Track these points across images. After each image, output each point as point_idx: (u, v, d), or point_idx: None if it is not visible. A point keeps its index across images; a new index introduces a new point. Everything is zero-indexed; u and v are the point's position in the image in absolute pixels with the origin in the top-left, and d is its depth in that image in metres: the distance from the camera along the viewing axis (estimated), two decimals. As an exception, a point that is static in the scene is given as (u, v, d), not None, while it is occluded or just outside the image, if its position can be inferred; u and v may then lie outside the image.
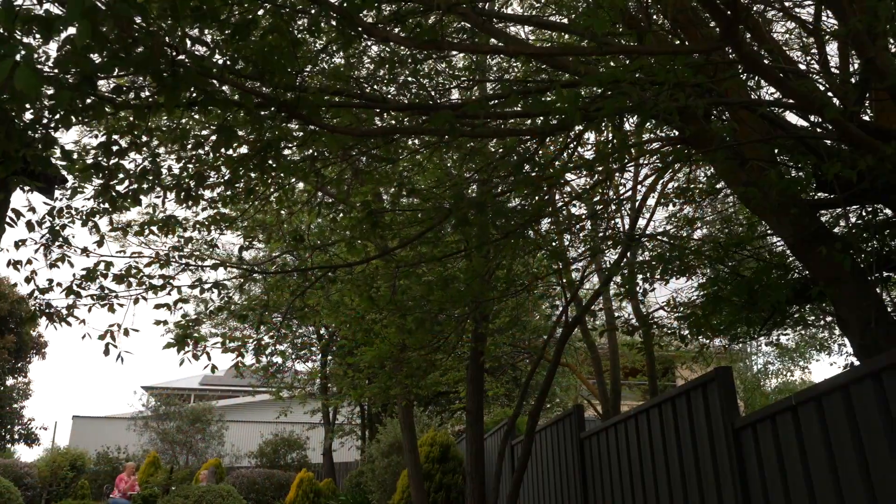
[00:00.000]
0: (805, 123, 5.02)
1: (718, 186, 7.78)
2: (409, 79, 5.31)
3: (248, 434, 24.31)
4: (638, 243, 7.33)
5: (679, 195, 7.87)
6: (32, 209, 4.45)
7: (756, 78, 5.10)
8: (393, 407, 17.98)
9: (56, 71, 2.83)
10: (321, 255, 6.78)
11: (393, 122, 5.19)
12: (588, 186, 6.75)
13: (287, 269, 6.16)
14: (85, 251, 4.65)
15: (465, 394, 10.39)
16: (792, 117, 7.23)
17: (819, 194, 5.05)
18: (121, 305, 4.78)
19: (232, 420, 23.22)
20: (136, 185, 3.92)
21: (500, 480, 7.74)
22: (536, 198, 4.96)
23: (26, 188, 4.83)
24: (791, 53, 6.37)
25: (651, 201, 9.56)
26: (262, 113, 3.44)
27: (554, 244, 7.94)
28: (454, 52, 5.88)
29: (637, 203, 8.82)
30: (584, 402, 14.58)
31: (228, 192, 4.80)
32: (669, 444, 5.06)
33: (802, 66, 5.94)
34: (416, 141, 5.83)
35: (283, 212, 6.44)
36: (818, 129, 4.67)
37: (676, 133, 4.62)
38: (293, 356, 21.31)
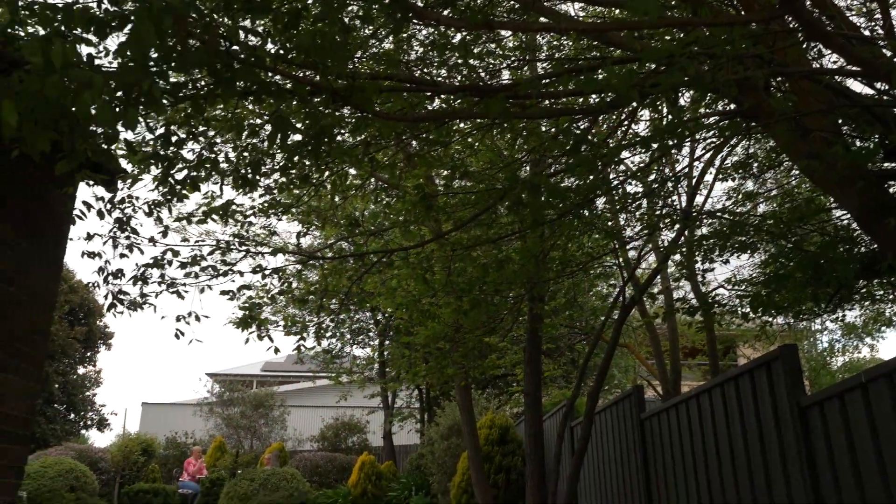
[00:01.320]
0: (871, 91, 4.84)
1: (779, 160, 7.58)
2: (460, 61, 5.29)
3: (310, 419, 24.76)
4: (696, 221, 7.19)
5: (738, 170, 7.68)
6: (101, 199, 4.59)
7: (817, 46, 4.94)
8: (451, 390, 18.09)
9: (117, 70, 2.90)
10: (376, 241, 6.84)
11: (444, 105, 5.18)
12: (644, 164, 6.63)
13: (344, 254, 6.22)
14: (151, 240, 4.79)
15: (523, 376, 10.38)
16: (856, 86, 6.97)
17: (887, 164, 4.88)
18: (188, 293, 4.92)
19: (293, 405, 23.66)
20: (194, 173, 4.01)
21: (559, 462, 7.73)
22: (591, 177, 4.90)
23: (90, 182, 4.99)
24: (853, 19, 6.14)
25: (709, 177, 9.35)
26: (315, 101, 3.48)
27: (610, 223, 7.84)
28: (504, 32, 5.83)
29: (694, 179, 8.65)
30: (643, 383, 14.41)
31: (283, 179, 4.87)
32: (733, 423, 4.98)
33: (866, 33, 5.72)
34: (468, 123, 5.82)
35: (336, 198, 6.51)
36: (885, 97, 4.50)
37: (734, 106, 4.50)
38: (351, 342, 21.60)
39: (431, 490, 15.17)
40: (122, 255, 4.75)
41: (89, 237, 4.72)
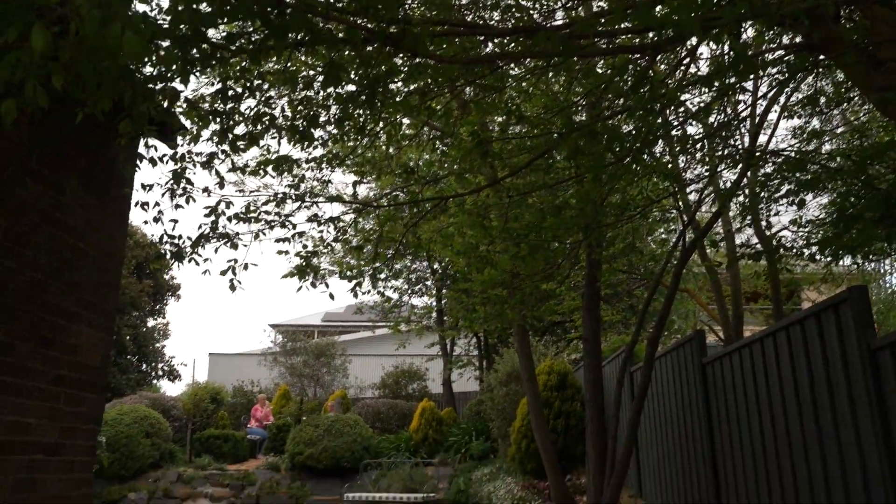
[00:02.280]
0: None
1: (849, 95, 7.25)
2: (511, 2, 5.17)
3: (370, 367, 25.25)
4: (759, 161, 6.96)
5: (804, 107, 7.38)
6: (155, 148, 4.68)
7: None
8: (509, 337, 18.19)
9: (168, 25, 2.91)
10: (431, 189, 6.83)
11: (497, 49, 5.09)
12: (704, 104, 6.43)
13: (399, 202, 6.23)
14: (206, 191, 4.87)
15: (581, 322, 10.35)
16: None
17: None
18: (245, 245, 5.00)
19: (354, 354, 24.14)
20: (251, 129, 4.04)
21: (619, 407, 7.73)
22: (650, 119, 4.77)
23: (149, 144, 5.09)
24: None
25: (772, 116, 9.02)
26: (368, 49, 3.45)
27: (669, 166, 7.66)
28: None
29: (757, 118, 8.35)
30: (704, 329, 14.23)
31: (338, 132, 4.87)
32: (798, 367, 4.88)
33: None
34: (522, 68, 5.70)
35: (391, 149, 6.50)
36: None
37: (801, 39, 4.29)
38: (409, 291, 21.83)
39: (491, 435, 15.39)
40: (177, 206, 4.85)
41: (144, 188, 4.82)
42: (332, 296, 5.52)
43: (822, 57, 4.42)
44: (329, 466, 15.26)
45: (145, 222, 5.30)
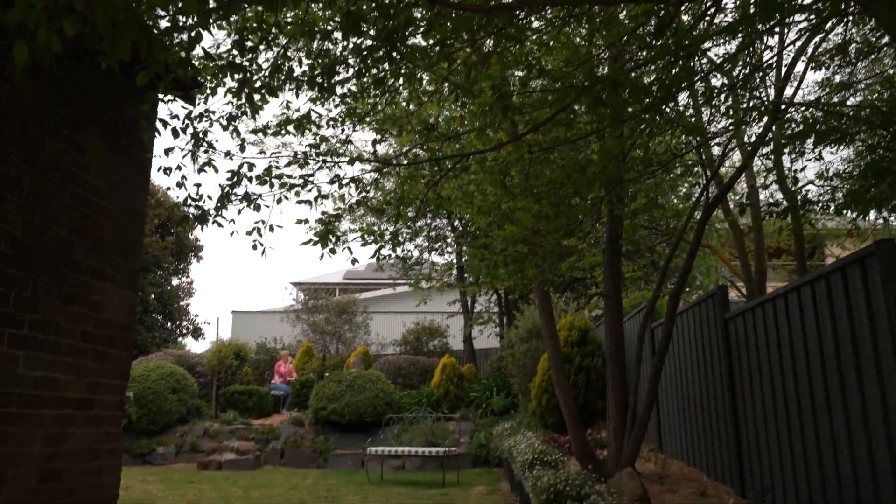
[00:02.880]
0: None
1: (880, 44, 7.05)
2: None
3: (392, 324, 25.44)
4: (785, 113, 6.82)
5: (832, 57, 7.19)
6: (177, 117, 4.67)
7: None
8: (529, 293, 18.21)
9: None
10: (451, 146, 6.77)
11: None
12: (729, 54, 6.28)
13: (419, 160, 6.18)
14: (228, 155, 4.87)
15: (602, 279, 10.31)
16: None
17: None
18: (267, 206, 5.01)
19: (375, 311, 24.32)
20: (269, 82, 4.01)
21: (640, 363, 7.74)
22: (674, 70, 4.67)
23: (168, 98, 5.07)
24: None
25: (799, 67, 8.82)
26: None
27: (693, 119, 7.53)
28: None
29: (784, 70, 8.16)
30: (727, 284, 14.14)
31: (357, 87, 4.82)
32: (823, 322, 4.84)
33: None
34: (543, 20, 5.59)
35: (411, 105, 6.43)
36: None
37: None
38: (429, 248, 21.87)
39: (512, 391, 15.52)
40: (200, 170, 4.85)
41: (167, 152, 4.82)
42: (355, 261, 5.52)
43: (852, 4, 4.29)
44: (352, 421, 15.49)
45: (168, 188, 5.30)
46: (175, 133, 4.69)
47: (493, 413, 15.55)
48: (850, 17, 6.27)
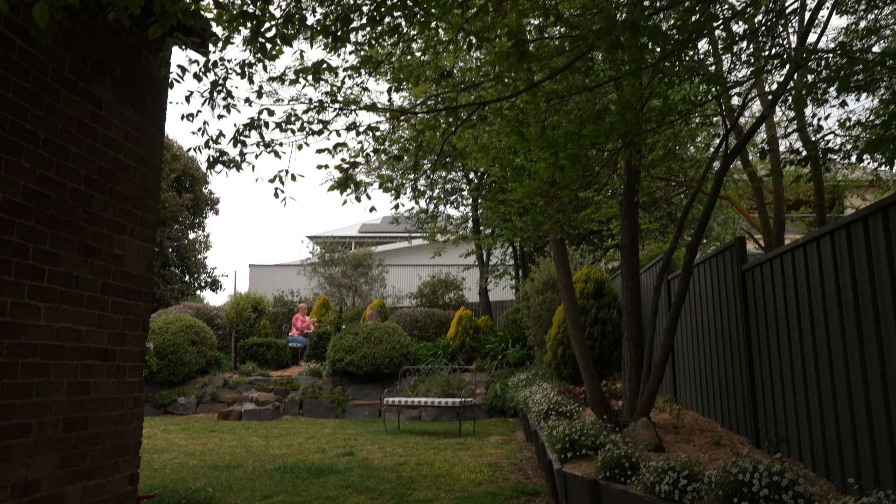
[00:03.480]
0: None
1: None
2: None
3: (407, 277, 25.57)
4: (808, 61, 6.67)
5: (859, 1, 6.99)
6: (196, 62, 4.64)
7: None
8: (545, 245, 18.18)
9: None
10: (468, 96, 6.69)
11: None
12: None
13: (435, 108, 6.10)
14: (247, 101, 4.84)
15: (618, 230, 10.26)
16: None
17: None
18: (284, 153, 5.00)
19: (391, 264, 24.44)
20: (283, 31, 3.95)
21: (656, 314, 7.74)
22: (693, 17, 4.56)
23: (183, 46, 5.02)
24: None
25: (823, 13, 8.59)
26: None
27: (712, 68, 7.38)
28: None
29: (808, 15, 7.96)
30: (744, 236, 14.07)
31: (371, 35, 4.75)
32: (842, 272, 4.80)
33: None
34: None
35: (426, 56, 6.35)
36: None
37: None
38: (445, 201, 21.82)
39: (527, 343, 15.62)
40: (219, 116, 4.84)
41: (188, 98, 4.81)
42: (373, 208, 5.54)
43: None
44: (369, 372, 15.68)
45: (192, 133, 5.27)
46: (197, 77, 4.67)
47: (508, 364, 15.68)
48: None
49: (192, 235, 29.42)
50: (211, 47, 4.92)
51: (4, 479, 3.68)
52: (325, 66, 4.77)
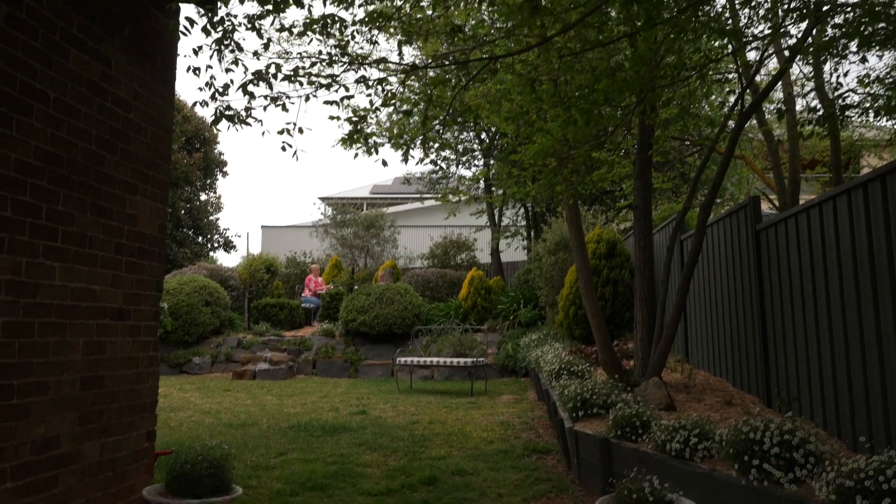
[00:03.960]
0: None
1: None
2: None
3: (419, 238, 25.58)
4: (828, 15, 6.51)
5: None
6: (206, 15, 4.58)
7: None
8: (557, 206, 18.12)
9: None
10: (479, 53, 6.60)
11: None
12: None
13: (446, 62, 6.01)
14: (255, 55, 4.79)
15: (631, 190, 10.19)
16: None
17: None
18: (292, 104, 4.96)
19: (403, 225, 24.43)
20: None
21: (668, 275, 7.71)
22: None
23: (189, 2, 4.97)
24: None
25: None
26: None
27: (729, 23, 7.24)
28: None
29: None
30: (759, 195, 13.93)
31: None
32: (859, 231, 4.75)
33: None
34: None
35: (437, 11, 6.25)
36: None
37: None
38: (456, 162, 21.73)
39: (539, 303, 15.64)
40: (227, 70, 4.80)
41: (197, 51, 4.76)
42: (384, 162, 5.52)
43: None
44: (381, 332, 15.79)
45: (200, 89, 5.21)
46: (206, 31, 4.62)
47: (520, 325, 15.74)
48: None
49: (203, 197, 29.49)
50: (219, 3, 4.86)
51: (25, 436, 3.74)
52: (334, 18, 4.71)
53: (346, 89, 4.98)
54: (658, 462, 4.89)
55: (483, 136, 20.37)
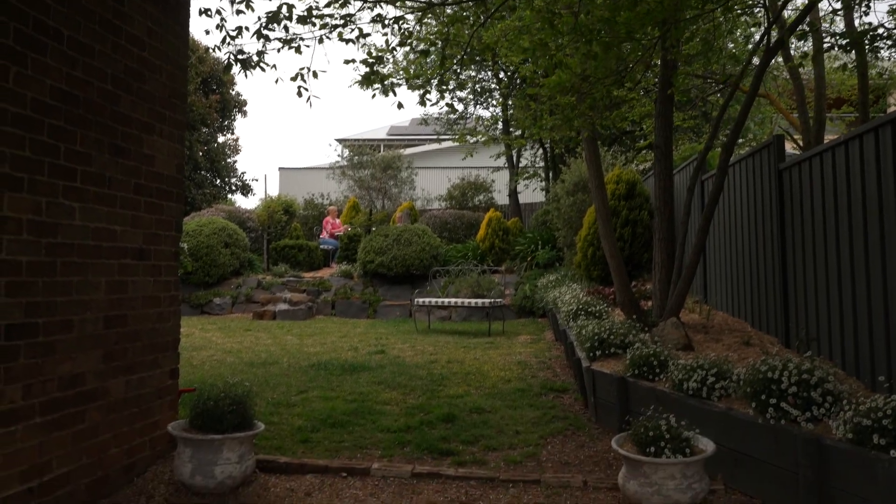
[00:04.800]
0: None
1: None
2: None
3: (437, 179, 25.45)
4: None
5: None
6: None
7: None
8: (576, 146, 17.91)
9: None
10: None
11: None
12: None
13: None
14: (268, -7, 4.72)
15: (651, 130, 10.03)
16: None
17: None
18: (307, 46, 4.88)
19: (420, 167, 24.28)
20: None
21: (688, 216, 7.64)
22: None
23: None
24: None
25: None
26: None
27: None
28: None
29: None
30: (782, 134, 13.70)
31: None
32: (885, 171, 4.65)
33: None
34: None
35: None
36: None
37: None
38: (474, 102, 21.46)
39: (557, 244, 15.61)
40: (238, 12, 4.72)
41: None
42: (400, 105, 5.45)
43: None
44: (399, 274, 15.87)
45: (207, 32, 5.12)
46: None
47: (537, 266, 15.75)
48: None
49: (221, 139, 29.43)
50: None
51: (51, 373, 3.82)
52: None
53: (360, 31, 4.88)
54: (675, 401, 4.93)
55: (501, 75, 20.06)
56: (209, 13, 4.77)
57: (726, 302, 8.36)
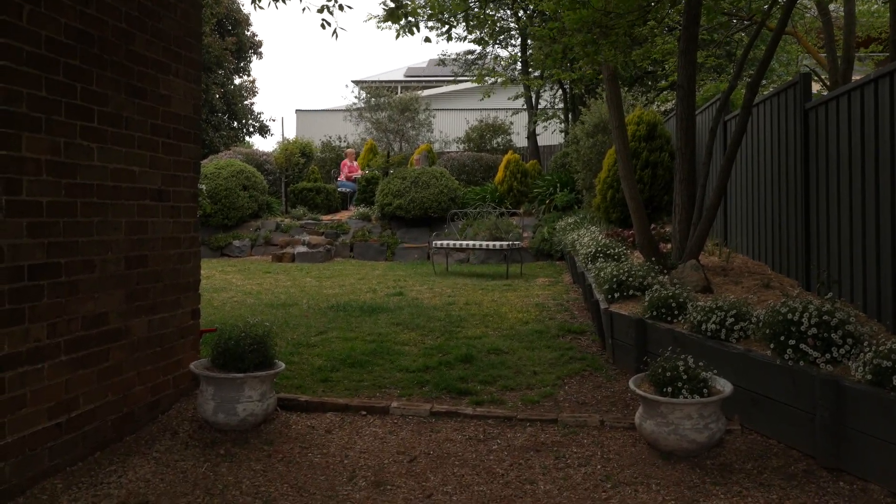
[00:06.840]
0: None
1: None
2: None
3: (454, 121, 25.21)
4: None
5: None
6: None
7: None
8: (596, 87, 17.62)
9: None
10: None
11: None
12: None
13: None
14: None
15: (674, 69, 9.81)
16: None
17: None
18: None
19: (438, 109, 24.02)
20: None
21: (710, 157, 7.52)
22: None
23: None
24: None
25: None
26: None
27: None
28: None
29: None
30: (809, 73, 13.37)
31: None
32: (915, 109, 4.53)
33: None
34: None
35: None
36: None
37: None
38: (493, 42, 21.06)
39: (576, 187, 15.50)
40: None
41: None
42: (427, 39, 5.36)
43: None
44: (417, 216, 15.86)
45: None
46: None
47: (556, 208, 15.67)
48: None
49: (237, 81, 29.25)
50: None
51: (75, 312, 3.87)
52: None
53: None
54: (693, 342, 4.93)
55: (521, 14, 19.65)
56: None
57: (747, 244, 8.29)
